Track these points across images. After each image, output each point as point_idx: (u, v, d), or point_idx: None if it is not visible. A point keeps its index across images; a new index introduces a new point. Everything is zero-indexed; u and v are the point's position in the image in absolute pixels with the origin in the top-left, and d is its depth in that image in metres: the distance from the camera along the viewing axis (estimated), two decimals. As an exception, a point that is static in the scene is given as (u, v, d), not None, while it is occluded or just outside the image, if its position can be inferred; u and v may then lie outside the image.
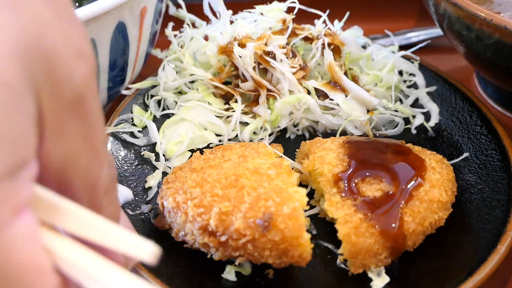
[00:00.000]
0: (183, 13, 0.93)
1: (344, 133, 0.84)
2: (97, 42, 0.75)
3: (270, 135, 0.86)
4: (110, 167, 0.43)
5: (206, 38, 0.91)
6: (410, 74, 0.91)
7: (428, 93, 0.89)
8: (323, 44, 0.87)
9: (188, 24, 0.92)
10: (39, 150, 0.38)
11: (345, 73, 0.87)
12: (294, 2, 0.92)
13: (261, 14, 0.92)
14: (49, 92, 0.37)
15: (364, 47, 0.94)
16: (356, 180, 0.71)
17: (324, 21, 0.92)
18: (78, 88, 0.38)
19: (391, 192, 0.69)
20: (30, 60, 0.35)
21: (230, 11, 0.91)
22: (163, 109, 0.87)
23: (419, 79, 0.90)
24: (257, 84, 0.84)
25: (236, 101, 0.85)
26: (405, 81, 0.91)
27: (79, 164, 0.40)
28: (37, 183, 0.39)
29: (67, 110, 0.38)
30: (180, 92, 0.88)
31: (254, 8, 0.93)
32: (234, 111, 0.85)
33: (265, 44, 0.86)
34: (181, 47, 0.91)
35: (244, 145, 0.77)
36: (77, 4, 0.80)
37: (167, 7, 0.94)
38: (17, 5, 0.36)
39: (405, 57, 0.91)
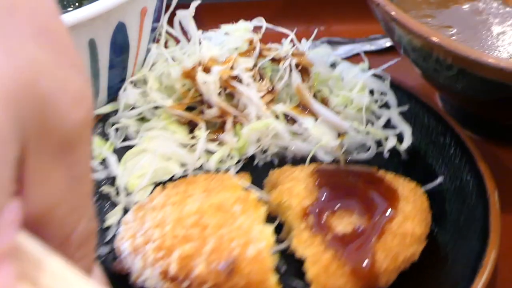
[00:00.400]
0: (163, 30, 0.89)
1: (314, 158, 0.81)
2: (97, 42, 0.75)
3: (237, 162, 0.82)
4: (90, 221, 0.40)
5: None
6: (381, 93, 0.88)
7: (400, 113, 0.86)
8: (291, 65, 0.84)
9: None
10: (19, 193, 0.35)
11: (314, 95, 0.83)
12: (261, 21, 0.88)
13: (227, 33, 0.88)
14: (36, 138, 0.34)
15: (334, 65, 0.91)
16: (325, 213, 0.68)
17: (292, 41, 0.89)
18: (68, 134, 0.36)
19: (362, 227, 0.66)
20: (20, 106, 0.33)
21: (200, 32, 0.87)
22: (126, 139, 0.83)
23: (391, 98, 0.87)
24: (222, 111, 0.81)
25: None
26: (376, 101, 0.87)
27: (56, 215, 0.37)
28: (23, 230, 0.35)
29: (53, 157, 0.35)
30: (144, 118, 0.84)
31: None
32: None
33: (231, 67, 0.82)
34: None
35: (208, 177, 0.74)
36: (77, 4, 0.81)
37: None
38: (11, 47, 0.34)
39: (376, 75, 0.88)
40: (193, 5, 0.86)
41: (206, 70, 0.82)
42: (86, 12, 0.70)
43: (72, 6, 0.82)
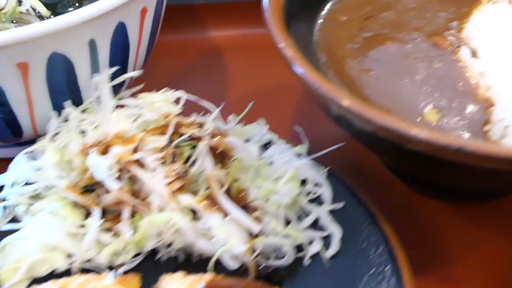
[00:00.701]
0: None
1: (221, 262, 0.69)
2: (97, 42, 0.74)
3: (137, 255, 0.71)
4: None
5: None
6: (316, 184, 0.76)
7: (333, 211, 0.74)
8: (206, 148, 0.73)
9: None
10: None
11: (230, 186, 0.72)
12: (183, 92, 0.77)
13: (145, 104, 0.78)
14: None
15: (269, 143, 0.80)
16: None
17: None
18: None
19: None
20: None
21: (113, 101, 0.77)
22: (14, 219, 0.73)
23: (326, 192, 0.75)
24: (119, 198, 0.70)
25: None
26: (308, 193, 0.75)
27: None
28: None
29: None
30: (40, 195, 0.75)
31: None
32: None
33: (136, 148, 0.71)
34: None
35: (84, 283, 0.64)
36: (77, 4, 0.81)
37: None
38: None
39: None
40: (108, 72, 0.76)
41: (106, 149, 0.71)
42: (86, 12, 0.69)
43: (72, 6, 0.81)
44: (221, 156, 0.74)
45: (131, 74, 0.79)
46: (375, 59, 0.73)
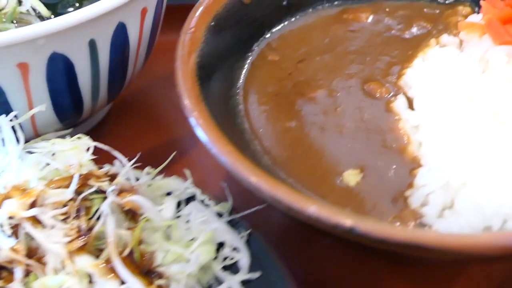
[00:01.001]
0: None
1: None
2: (98, 42, 0.75)
3: (31, 316, 0.65)
4: None
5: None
6: (234, 249, 0.69)
7: (247, 281, 0.67)
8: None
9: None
10: None
11: (134, 249, 0.66)
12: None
13: (55, 151, 0.72)
14: None
15: (192, 197, 0.73)
16: None
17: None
18: None
19: None
20: None
21: (20, 145, 0.72)
22: None
23: (243, 258, 0.68)
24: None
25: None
26: (225, 258, 0.69)
27: None
28: None
29: None
30: None
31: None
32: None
33: (34, 203, 0.66)
34: None
35: None
36: (77, 4, 0.82)
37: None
38: None
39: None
40: (11, 114, 0.71)
41: (1, 202, 0.66)
42: (86, 12, 0.70)
43: (72, 6, 0.82)
44: (131, 213, 0.68)
45: (34, 110, 0.73)
46: (301, 110, 0.66)
